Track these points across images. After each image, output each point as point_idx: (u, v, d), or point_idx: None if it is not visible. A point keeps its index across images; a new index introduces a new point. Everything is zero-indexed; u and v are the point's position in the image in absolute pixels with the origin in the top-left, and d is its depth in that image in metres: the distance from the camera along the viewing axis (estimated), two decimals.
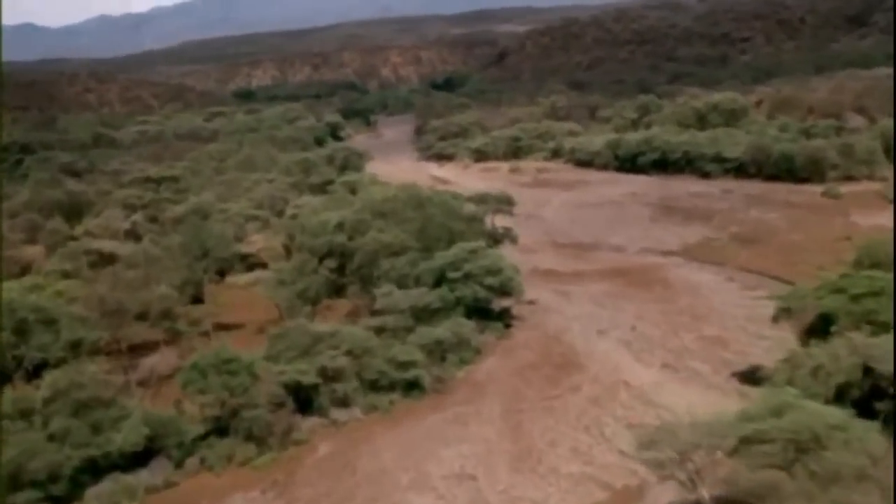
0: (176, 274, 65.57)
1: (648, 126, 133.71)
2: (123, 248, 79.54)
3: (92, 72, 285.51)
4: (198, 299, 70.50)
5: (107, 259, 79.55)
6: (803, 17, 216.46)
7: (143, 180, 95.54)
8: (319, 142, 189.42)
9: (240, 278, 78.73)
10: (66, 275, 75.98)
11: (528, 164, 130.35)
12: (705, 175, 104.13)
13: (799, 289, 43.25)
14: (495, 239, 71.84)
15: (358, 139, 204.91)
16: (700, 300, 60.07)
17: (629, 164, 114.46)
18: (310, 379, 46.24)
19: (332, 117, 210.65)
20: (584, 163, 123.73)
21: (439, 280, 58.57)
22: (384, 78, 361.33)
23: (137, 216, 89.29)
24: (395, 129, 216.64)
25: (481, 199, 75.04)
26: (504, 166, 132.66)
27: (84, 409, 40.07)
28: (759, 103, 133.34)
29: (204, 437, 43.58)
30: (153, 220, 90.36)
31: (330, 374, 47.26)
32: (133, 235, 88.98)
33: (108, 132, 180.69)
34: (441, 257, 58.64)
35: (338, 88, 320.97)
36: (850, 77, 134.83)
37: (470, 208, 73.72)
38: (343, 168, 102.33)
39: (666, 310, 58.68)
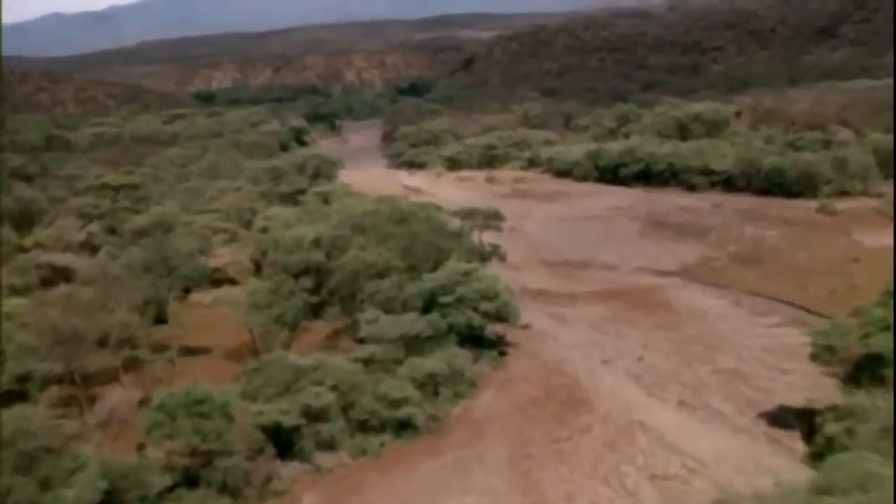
0: (137, 293, 59.77)
1: (627, 136, 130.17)
2: (78, 262, 73.36)
3: (45, 71, 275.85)
4: (160, 319, 64.90)
5: (60, 273, 73.70)
6: (774, 27, 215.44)
7: (99, 187, 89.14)
8: (284, 147, 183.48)
9: (205, 295, 72.93)
10: (14, 290, 69.93)
11: (505, 174, 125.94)
12: (692, 188, 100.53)
13: (840, 325, 39.06)
14: (483, 256, 67.22)
15: (323, 145, 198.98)
16: (709, 327, 55.88)
17: (610, 175, 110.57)
18: (292, 420, 41.09)
19: (297, 122, 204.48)
20: (563, 173, 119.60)
21: (429, 304, 53.70)
22: (348, 82, 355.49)
23: (94, 226, 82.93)
24: (362, 135, 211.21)
25: (468, 213, 70.33)
26: (479, 175, 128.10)
27: (32, 462, 34.49)
28: (738, 114, 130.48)
29: (171, 489, 38.14)
30: (111, 231, 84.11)
31: (314, 413, 42.16)
32: (89, 247, 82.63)
33: (62, 134, 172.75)
34: (431, 279, 53.73)
35: (301, 92, 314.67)
36: (830, 89, 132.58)
37: (455, 223, 69.22)
38: (314, 176, 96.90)
39: (673, 338, 54.39)
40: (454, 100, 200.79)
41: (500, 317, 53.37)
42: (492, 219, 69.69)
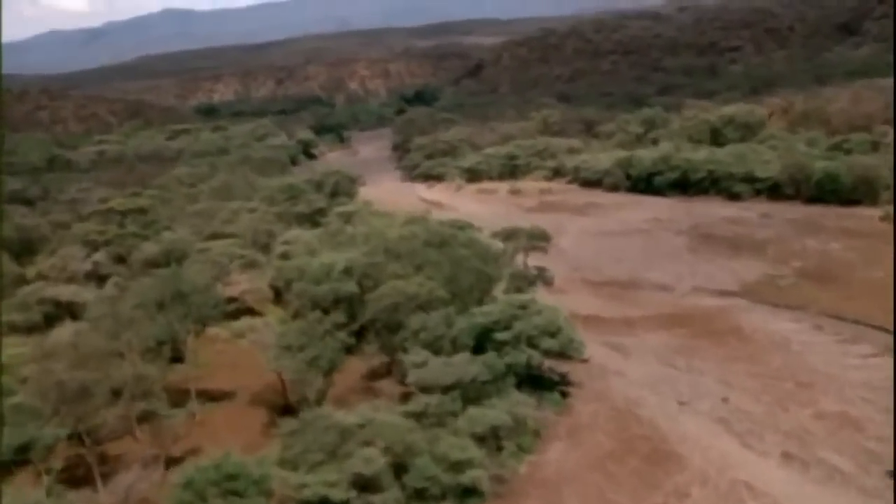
0: (149, 332, 53.76)
1: (655, 142, 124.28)
2: (84, 295, 67.72)
3: (44, 88, 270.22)
4: (176, 357, 58.90)
5: (65, 308, 67.87)
6: (792, 25, 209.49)
7: (105, 212, 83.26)
8: (293, 160, 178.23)
9: (224, 329, 67.21)
10: (15, 328, 64.15)
11: (529, 185, 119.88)
12: (733, 197, 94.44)
13: None
14: (529, 281, 61.11)
15: (332, 157, 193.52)
16: (795, 359, 49.68)
17: (644, 184, 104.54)
18: (341, 493, 34.99)
19: (304, 134, 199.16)
20: (591, 183, 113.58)
21: (481, 341, 47.65)
22: (352, 91, 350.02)
23: (100, 255, 77.02)
24: (371, 146, 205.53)
25: (510, 234, 64.13)
26: (502, 187, 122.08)
27: None
28: (770, 115, 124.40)
29: None
30: (119, 259, 78.17)
31: (365, 483, 36.07)
32: (95, 277, 76.82)
33: (63, 153, 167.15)
34: (483, 314, 47.61)
35: (304, 103, 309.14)
36: (866, 87, 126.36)
37: (495, 244, 63.15)
38: (333, 194, 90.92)
39: (757, 373, 48.22)
40: (465, 108, 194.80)
41: (563, 354, 47.31)
42: (537, 239, 63.45)
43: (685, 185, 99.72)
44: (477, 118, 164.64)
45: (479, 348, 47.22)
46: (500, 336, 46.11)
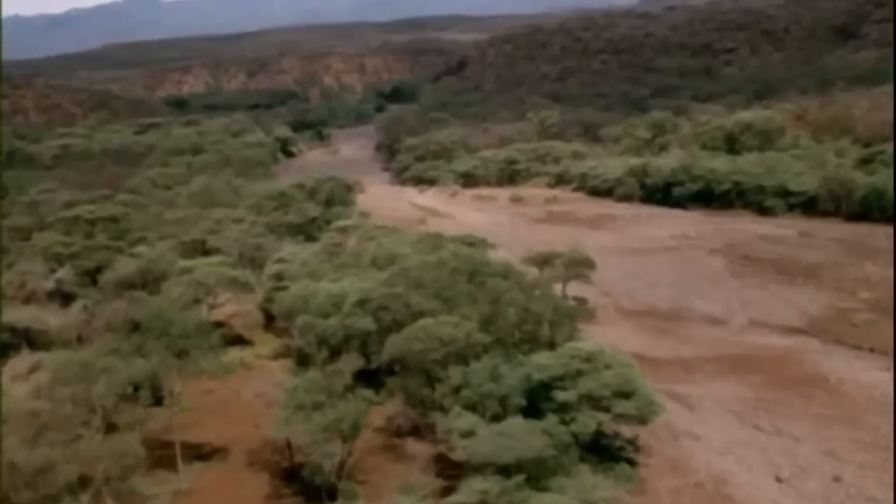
0: (125, 374, 44.68)
1: (664, 147, 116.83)
2: (46, 319, 58.42)
3: (4, 75, 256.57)
4: (157, 398, 49.82)
5: (22, 336, 58.38)
6: (787, 27, 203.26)
7: (71, 220, 73.53)
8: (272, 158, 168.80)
9: (211, 361, 58.24)
10: None
11: (531, 193, 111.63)
12: (763, 212, 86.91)
13: None
14: (568, 315, 52.65)
15: (311, 156, 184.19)
16: None
17: (661, 195, 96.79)
18: None
19: (282, 131, 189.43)
20: (600, 192, 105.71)
21: (533, 399, 39.27)
22: (326, 86, 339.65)
23: (64, 271, 67.40)
24: (352, 145, 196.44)
25: (545, 259, 55.66)
26: (502, 195, 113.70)
27: None
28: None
29: None
30: (87, 276, 68.68)
31: None
32: (59, 297, 67.24)
33: (24, 147, 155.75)
34: (540, 368, 39.13)
35: (279, 97, 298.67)
36: (885, 94, 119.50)
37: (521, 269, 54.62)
38: (328, 203, 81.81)
39: (864, 441, 40.25)
40: (451, 106, 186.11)
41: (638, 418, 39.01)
42: (579, 266, 54.97)
43: (708, 198, 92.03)
44: (468, 118, 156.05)
45: (532, 410, 38.84)
46: (564, 397, 37.74)
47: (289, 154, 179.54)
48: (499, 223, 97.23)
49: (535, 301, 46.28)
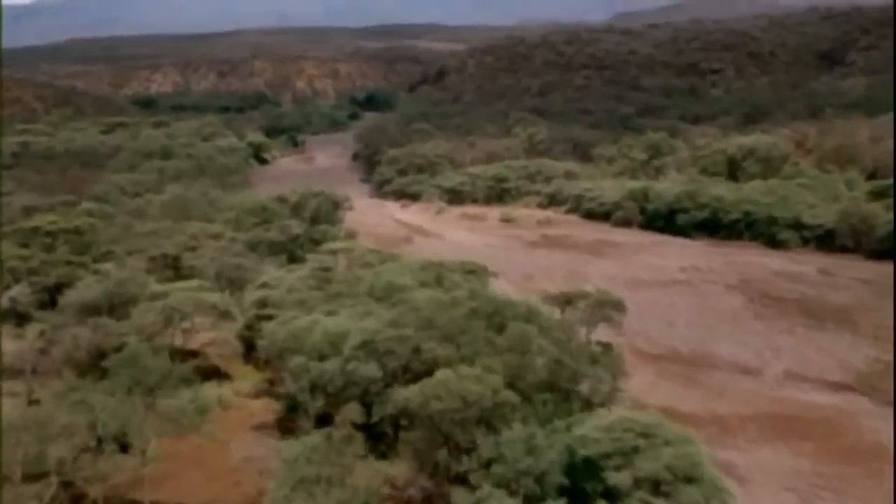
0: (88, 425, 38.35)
1: (659, 170, 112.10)
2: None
3: None
4: (122, 445, 43.31)
5: None
6: (773, 50, 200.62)
7: (30, 230, 66.35)
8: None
9: (182, 399, 51.79)
10: None
11: (522, 213, 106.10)
12: (775, 244, 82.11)
13: None
14: (608, 370, 46.78)
15: (285, 163, 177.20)
16: None
17: (663, 222, 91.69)
18: None
19: (255, 136, 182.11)
20: (596, 215, 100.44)
21: (575, 478, 33.39)
22: (298, 90, 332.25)
23: (20, 289, 60.39)
24: (327, 152, 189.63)
25: (568, 299, 49.84)
26: (491, 214, 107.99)
27: None
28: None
29: None
30: (46, 293, 61.70)
31: None
32: (14, 317, 60.19)
33: None
34: (586, 441, 33.24)
35: (250, 100, 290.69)
36: (887, 124, 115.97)
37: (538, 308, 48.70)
38: (314, 220, 75.30)
39: None
40: (430, 117, 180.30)
41: None
42: (608, 308, 49.09)
43: (714, 227, 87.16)
44: (450, 131, 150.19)
45: (575, 490, 32.98)
46: (615, 478, 31.93)
47: (262, 160, 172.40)
48: (492, 246, 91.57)
49: (568, 351, 40.51)
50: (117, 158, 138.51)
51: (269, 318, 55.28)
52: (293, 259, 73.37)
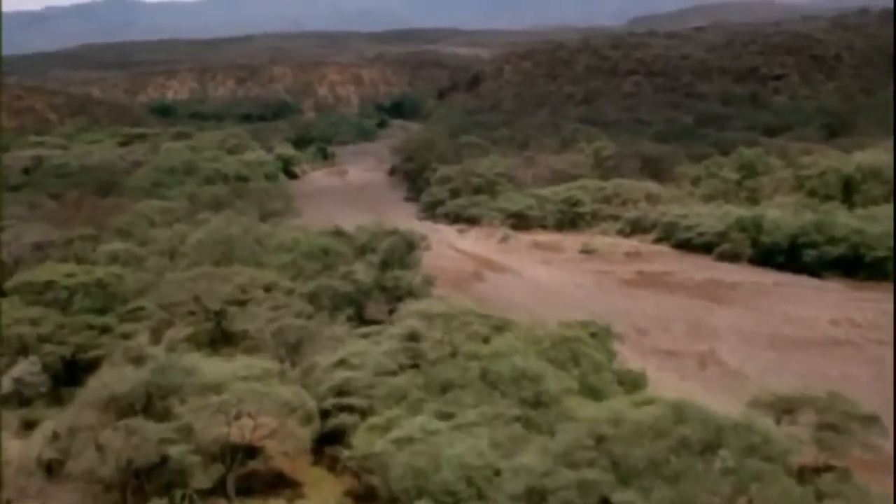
0: None
1: (754, 192, 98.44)
2: None
3: None
4: None
5: None
6: (839, 53, 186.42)
7: (42, 286, 53.28)
8: (271, 181, 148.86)
9: None
10: None
11: (604, 243, 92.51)
12: None
13: None
14: None
15: (317, 178, 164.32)
16: None
17: (782, 257, 77.97)
18: None
19: (283, 148, 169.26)
20: (693, 246, 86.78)
21: None
22: (320, 97, 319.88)
23: (29, 365, 47.32)
24: (359, 165, 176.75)
25: (787, 408, 36.17)
26: (567, 243, 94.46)
27: None
28: None
29: None
30: (59, 362, 48.71)
31: None
32: (18, 402, 47.11)
33: None
34: None
35: (272, 107, 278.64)
36: None
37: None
38: (385, 264, 61.93)
39: None
40: (474, 128, 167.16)
41: None
42: (852, 422, 35.44)
43: (852, 266, 73.28)
44: (502, 144, 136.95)
45: None
46: None
47: (291, 175, 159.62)
48: (581, 286, 78.16)
49: None
50: (138, 175, 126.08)
51: (352, 409, 42.51)
52: (360, 314, 60.19)
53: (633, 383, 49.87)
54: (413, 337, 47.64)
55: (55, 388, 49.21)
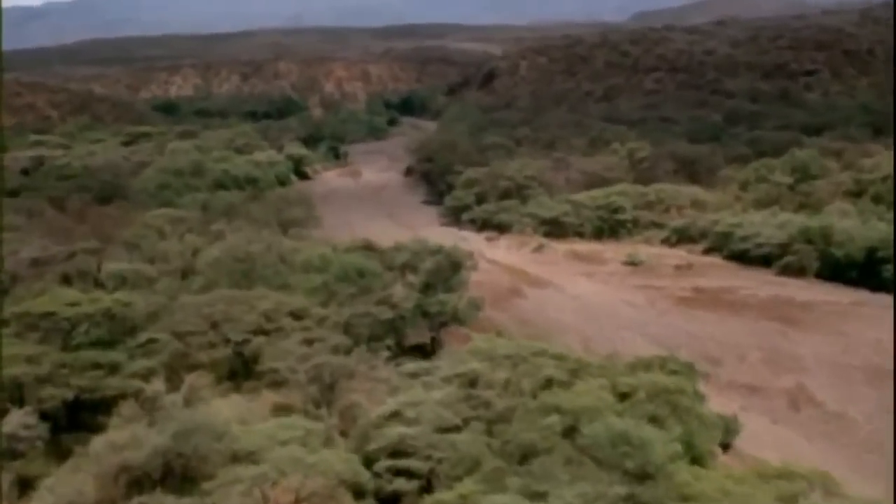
0: None
1: (809, 197, 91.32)
2: None
3: None
4: None
5: None
6: (871, 48, 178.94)
7: (39, 317, 46.25)
8: (281, 182, 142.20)
9: None
10: None
11: (650, 254, 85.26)
12: None
13: None
14: None
15: (329, 179, 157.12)
16: None
17: (856, 272, 70.87)
18: None
19: (294, 147, 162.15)
20: (750, 259, 79.64)
21: None
22: (327, 93, 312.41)
23: (24, 416, 40.27)
24: (372, 165, 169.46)
25: None
26: (607, 254, 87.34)
27: None
28: None
29: None
30: (63, 405, 41.79)
31: None
32: (13, 455, 40.06)
33: None
34: None
35: (278, 104, 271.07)
36: None
37: None
38: (427, 287, 54.78)
39: None
40: (489, 128, 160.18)
41: None
42: None
43: None
44: (526, 143, 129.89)
45: None
46: None
47: (303, 175, 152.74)
48: (632, 304, 71.09)
49: None
50: (143, 177, 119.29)
51: (410, 474, 35.73)
52: (400, 343, 53.21)
53: (725, 430, 43.08)
54: (474, 382, 40.62)
55: (55, 434, 42.30)
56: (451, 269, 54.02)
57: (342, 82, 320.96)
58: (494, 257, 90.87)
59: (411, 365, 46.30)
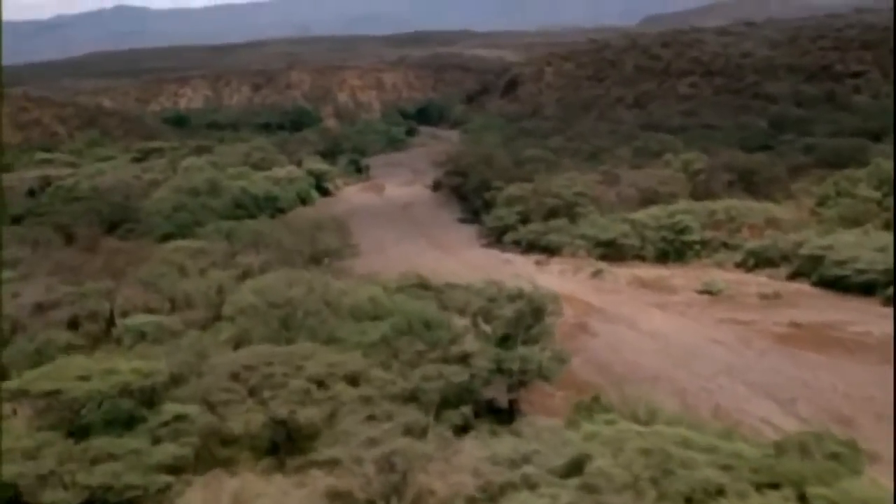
0: None
1: (888, 210, 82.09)
2: None
3: None
4: None
5: None
6: None
7: (45, 396, 37.36)
8: (303, 199, 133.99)
9: None
10: None
11: (728, 280, 76.03)
12: None
13: None
14: None
15: (352, 194, 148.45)
16: None
17: None
18: None
19: (314, 161, 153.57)
20: (846, 286, 70.35)
21: None
22: (340, 103, 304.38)
23: None
24: (395, 179, 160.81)
25: None
26: (677, 280, 78.05)
27: None
28: None
29: None
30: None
31: None
32: None
33: None
34: None
35: (291, 115, 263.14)
36: None
37: None
38: (505, 339, 45.78)
39: None
40: (518, 138, 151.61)
41: None
42: None
43: None
44: (567, 156, 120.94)
45: None
46: None
47: (324, 192, 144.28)
48: (722, 343, 61.83)
49: None
50: (156, 198, 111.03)
51: None
52: (477, 409, 44.16)
53: None
54: (596, 488, 31.48)
55: None
56: (533, 315, 44.79)
57: (356, 91, 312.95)
58: (547, 284, 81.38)
59: (498, 445, 37.23)
